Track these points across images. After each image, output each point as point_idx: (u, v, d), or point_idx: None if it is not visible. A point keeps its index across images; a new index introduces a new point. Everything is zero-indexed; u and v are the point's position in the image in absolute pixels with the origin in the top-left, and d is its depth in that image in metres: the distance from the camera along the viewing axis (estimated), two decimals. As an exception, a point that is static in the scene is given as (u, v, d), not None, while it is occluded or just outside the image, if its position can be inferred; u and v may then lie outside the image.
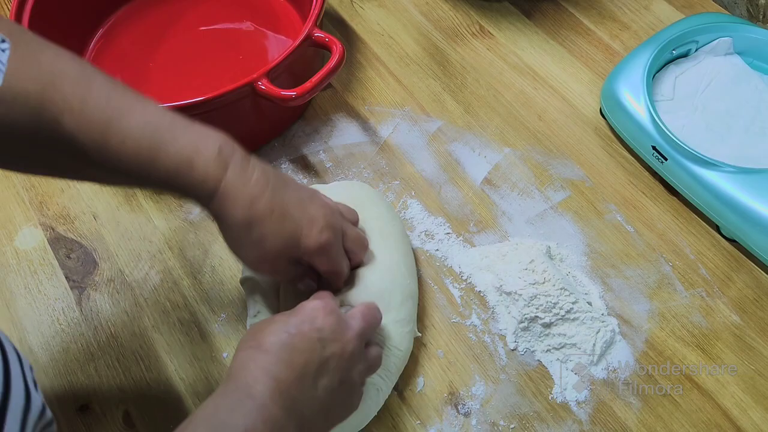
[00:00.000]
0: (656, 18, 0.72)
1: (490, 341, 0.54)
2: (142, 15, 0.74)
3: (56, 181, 0.64)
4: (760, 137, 0.59)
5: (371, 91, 0.69)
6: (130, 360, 0.54)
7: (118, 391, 0.53)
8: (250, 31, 0.72)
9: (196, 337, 0.55)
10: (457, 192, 0.62)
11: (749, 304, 0.55)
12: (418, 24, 0.74)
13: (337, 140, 0.66)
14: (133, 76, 0.69)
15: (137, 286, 0.58)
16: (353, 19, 0.75)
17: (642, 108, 0.59)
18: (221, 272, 0.58)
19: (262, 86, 0.56)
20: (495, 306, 0.55)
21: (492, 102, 0.67)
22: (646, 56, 0.61)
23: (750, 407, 0.50)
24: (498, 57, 0.71)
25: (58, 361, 0.54)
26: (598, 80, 0.68)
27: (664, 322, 0.54)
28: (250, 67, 0.68)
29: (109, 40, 0.72)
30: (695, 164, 0.56)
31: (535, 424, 0.50)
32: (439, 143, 0.65)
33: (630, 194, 0.61)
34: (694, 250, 0.57)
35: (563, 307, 0.52)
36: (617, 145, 0.64)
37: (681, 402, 0.51)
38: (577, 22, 0.73)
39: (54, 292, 0.58)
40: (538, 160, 0.63)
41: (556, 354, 0.52)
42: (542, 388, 0.51)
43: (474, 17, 0.74)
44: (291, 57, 0.58)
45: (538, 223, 0.60)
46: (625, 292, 0.56)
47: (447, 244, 0.59)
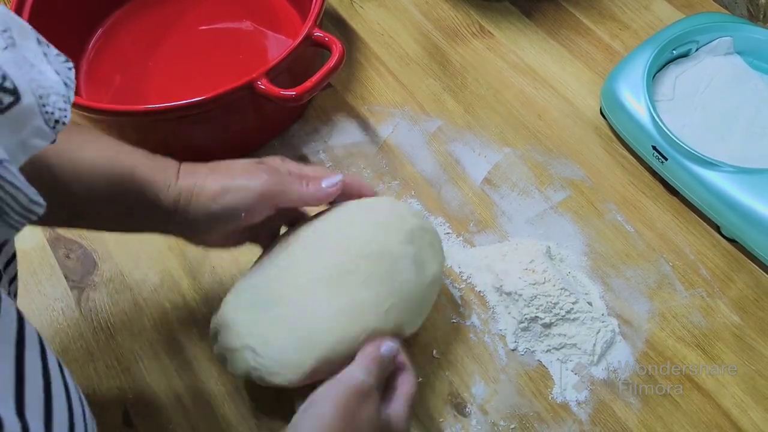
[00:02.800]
0: (656, 18, 0.72)
1: (490, 341, 0.54)
2: (142, 15, 0.74)
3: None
4: (760, 137, 0.59)
5: (371, 90, 0.69)
6: (130, 360, 0.54)
7: (118, 391, 0.53)
8: (250, 31, 0.72)
9: (196, 337, 0.55)
10: (456, 192, 0.62)
11: (749, 304, 0.55)
12: (418, 24, 0.74)
13: (336, 140, 0.66)
14: (133, 76, 0.69)
15: (137, 287, 0.58)
16: (353, 19, 0.75)
17: (642, 108, 0.59)
18: (221, 272, 0.58)
19: (261, 86, 0.56)
20: (495, 306, 0.55)
21: (492, 102, 0.67)
22: (646, 56, 0.61)
23: (750, 407, 0.50)
24: (498, 57, 0.71)
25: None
26: (598, 80, 0.68)
27: (664, 322, 0.54)
28: (249, 66, 0.67)
29: (109, 40, 0.72)
30: (695, 164, 0.56)
31: (535, 425, 0.50)
32: (439, 143, 0.65)
33: (630, 194, 0.61)
34: (694, 250, 0.57)
35: (563, 308, 0.52)
36: (617, 145, 0.64)
37: (681, 402, 0.50)
38: (577, 22, 0.73)
39: (53, 292, 0.58)
40: (538, 160, 0.63)
41: (556, 354, 0.52)
42: (542, 388, 0.51)
43: (474, 17, 0.74)
44: (291, 56, 0.58)
45: (538, 223, 0.60)
46: (625, 292, 0.55)
47: (447, 244, 0.59)
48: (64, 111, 0.29)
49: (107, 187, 0.43)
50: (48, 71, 0.28)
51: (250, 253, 0.55)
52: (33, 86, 0.27)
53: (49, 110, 0.28)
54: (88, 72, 0.69)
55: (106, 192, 0.43)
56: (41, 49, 0.29)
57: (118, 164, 0.43)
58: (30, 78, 0.27)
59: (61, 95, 0.29)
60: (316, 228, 0.48)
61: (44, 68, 0.28)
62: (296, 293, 0.45)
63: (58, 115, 0.28)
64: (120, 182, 0.43)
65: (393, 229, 0.47)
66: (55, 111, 0.28)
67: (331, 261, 0.46)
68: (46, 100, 0.28)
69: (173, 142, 0.62)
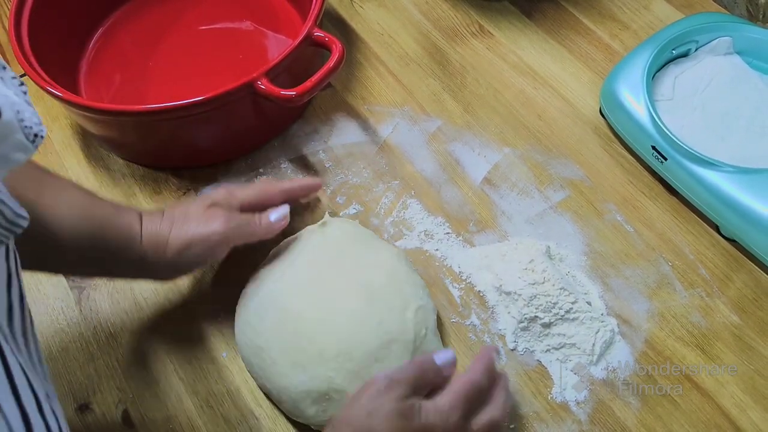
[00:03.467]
0: (656, 17, 0.72)
1: (489, 341, 0.54)
2: (142, 15, 0.74)
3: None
4: (760, 137, 0.59)
5: (371, 90, 0.69)
6: (130, 360, 0.54)
7: (118, 391, 0.53)
8: (250, 31, 0.72)
9: (196, 336, 0.55)
10: (456, 192, 0.62)
11: (749, 304, 0.55)
12: (417, 23, 0.74)
13: (336, 140, 0.66)
14: (133, 76, 0.69)
15: (137, 286, 0.58)
16: (353, 19, 0.75)
17: (642, 108, 0.59)
18: (221, 272, 0.58)
19: (261, 86, 0.56)
20: (494, 306, 0.55)
21: (492, 101, 0.67)
22: (645, 56, 0.61)
23: (749, 407, 0.50)
24: (498, 56, 0.71)
25: (57, 361, 0.54)
26: (597, 80, 0.68)
27: (664, 322, 0.54)
28: (249, 66, 0.67)
29: (109, 40, 0.72)
30: (695, 164, 0.56)
31: (535, 424, 0.50)
32: (438, 143, 0.65)
33: (630, 194, 0.61)
34: (693, 250, 0.57)
35: (563, 307, 0.52)
36: (617, 145, 0.64)
37: (680, 402, 0.51)
38: (577, 22, 0.73)
39: (53, 291, 0.58)
40: (538, 160, 0.63)
41: (555, 354, 0.52)
42: (542, 388, 0.52)
43: (474, 17, 0.74)
44: (291, 56, 0.58)
45: (538, 223, 0.60)
46: (625, 292, 0.56)
47: (446, 243, 0.59)
48: (39, 126, 0.29)
49: (87, 244, 0.46)
50: (9, 92, 0.29)
51: (251, 253, 0.55)
52: (9, 102, 0.27)
53: (27, 125, 0.28)
54: (88, 72, 0.69)
55: (84, 248, 0.46)
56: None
57: (88, 222, 0.46)
58: (3, 94, 0.27)
59: (32, 111, 0.29)
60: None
61: (6, 91, 0.29)
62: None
63: (36, 129, 0.29)
64: (91, 240, 0.46)
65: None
66: (32, 125, 0.29)
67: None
68: (23, 115, 0.28)
69: (173, 142, 0.62)
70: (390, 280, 0.50)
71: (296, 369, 0.47)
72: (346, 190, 0.62)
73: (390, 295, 0.49)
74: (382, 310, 0.48)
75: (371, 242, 0.54)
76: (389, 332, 0.47)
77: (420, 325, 0.49)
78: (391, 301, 0.49)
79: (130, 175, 0.64)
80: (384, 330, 0.47)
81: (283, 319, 0.49)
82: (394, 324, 0.48)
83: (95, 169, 0.65)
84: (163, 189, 0.63)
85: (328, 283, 0.50)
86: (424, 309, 0.50)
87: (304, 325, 0.48)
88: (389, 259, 0.52)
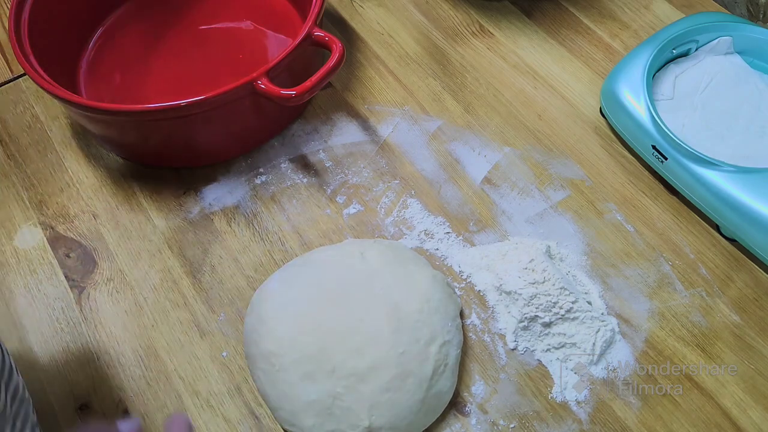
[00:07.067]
0: (656, 17, 0.72)
1: (489, 341, 0.54)
2: (142, 14, 0.74)
3: (56, 180, 0.64)
4: (760, 137, 0.59)
5: (371, 90, 0.69)
6: (130, 360, 0.54)
7: (118, 390, 0.53)
8: (250, 30, 0.72)
9: (196, 336, 0.55)
10: (456, 191, 0.62)
11: (749, 304, 0.55)
12: (417, 23, 0.74)
13: (336, 139, 0.66)
14: (133, 76, 0.69)
15: (137, 286, 0.58)
16: (353, 18, 0.75)
17: (642, 107, 0.59)
18: (221, 271, 0.58)
19: (261, 85, 0.56)
20: (495, 305, 0.55)
21: (492, 101, 0.67)
22: (646, 55, 0.61)
23: (750, 407, 0.50)
24: (498, 56, 0.71)
25: (57, 361, 0.54)
26: (598, 79, 0.68)
27: (664, 321, 0.54)
28: (249, 66, 0.68)
29: (109, 40, 0.72)
30: (695, 164, 0.56)
31: (535, 424, 0.50)
32: (438, 142, 0.65)
33: (630, 194, 0.61)
34: (693, 250, 0.57)
35: (563, 307, 0.52)
36: (617, 145, 0.64)
37: (681, 402, 0.51)
38: (577, 22, 0.73)
39: (54, 291, 0.58)
40: (538, 160, 0.63)
41: (555, 353, 0.52)
42: (542, 387, 0.51)
43: (474, 16, 0.74)
44: (291, 56, 0.58)
45: (538, 223, 0.60)
46: (625, 291, 0.55)
47: (447, 243, 0.59)
48: None
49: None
50: None
51: (250, 253, 0.55)
52: None
53: None
54: (88, 72, 0.69)
55: None
56: None
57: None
58: None
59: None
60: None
61: None
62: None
63: None
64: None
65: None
66: None
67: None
68: None
69: (173, 141, 0.62)
70: (420, 308, 0.49)
71: (305, 379, 0.47)
72: (346, 189, 0.62)
73: (418, 324, 0.49)
74: (407, 341, 0.48)
75: (408, 264, 0.53)
76: (408, 365, 0.47)
77: (440, 362, 0.48)
78: (417, 331, 0.48)
79: (130, 175, 0.64)
80: (404, 361, 0.47)
81: (302, 327, 0.49)
82: (416, 358, 0.47)
83: (95, 169, 0.65)
84: (163, 189, 0.63)
85: (356, 301, 0.49)
86: (449, 344, 0.50)
87: (323, 338, 0.48)
88: (424, 283, 0.51)
